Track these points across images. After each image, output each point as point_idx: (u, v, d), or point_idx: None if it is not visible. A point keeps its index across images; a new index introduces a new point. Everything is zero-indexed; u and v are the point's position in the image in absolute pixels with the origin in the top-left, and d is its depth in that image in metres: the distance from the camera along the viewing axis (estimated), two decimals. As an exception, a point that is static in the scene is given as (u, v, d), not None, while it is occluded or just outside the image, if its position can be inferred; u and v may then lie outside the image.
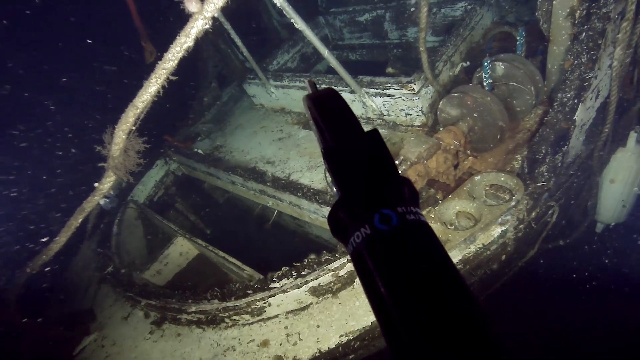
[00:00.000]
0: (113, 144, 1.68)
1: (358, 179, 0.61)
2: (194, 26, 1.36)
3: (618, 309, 3.13)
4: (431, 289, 0.48)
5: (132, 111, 1.57)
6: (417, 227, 0.54)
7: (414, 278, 0.48)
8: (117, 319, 2.71)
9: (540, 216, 2.64)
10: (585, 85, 2.33)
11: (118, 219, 3.51)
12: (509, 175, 2.44)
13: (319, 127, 0.70)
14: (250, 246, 4.50)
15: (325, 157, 0.66)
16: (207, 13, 1.34)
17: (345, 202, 0.59)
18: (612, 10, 2.24)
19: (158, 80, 1.47)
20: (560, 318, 3.41)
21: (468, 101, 2.40)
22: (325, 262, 2.30)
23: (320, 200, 2.89)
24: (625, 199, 2.94)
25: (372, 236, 0.52)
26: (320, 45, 2.99)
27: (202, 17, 1.35)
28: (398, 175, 0.61)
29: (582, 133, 2.52)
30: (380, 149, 0.65)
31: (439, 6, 4.12)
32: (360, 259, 0.53)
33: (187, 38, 1.39)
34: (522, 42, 2.58)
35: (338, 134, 0.67)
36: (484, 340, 0.44)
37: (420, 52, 2.69)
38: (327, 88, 0.76)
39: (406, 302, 0.47)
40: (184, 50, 1.44)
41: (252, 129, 4.46)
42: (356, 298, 2.34)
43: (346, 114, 0.70)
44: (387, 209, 0.54)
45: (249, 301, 2.28)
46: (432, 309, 0.46)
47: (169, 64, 1.45)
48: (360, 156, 0.63)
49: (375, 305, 0.51)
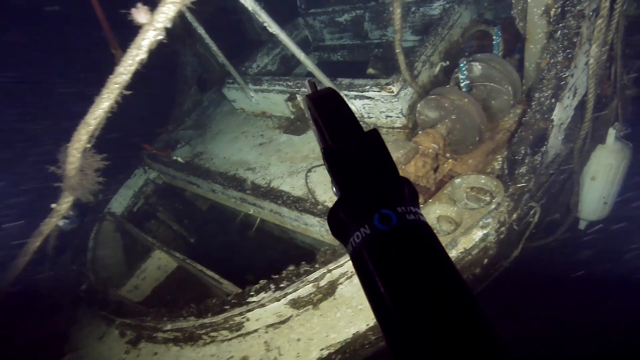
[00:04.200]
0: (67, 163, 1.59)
1: (358, 179, 0.61)
2: (145, 38, 1.28)
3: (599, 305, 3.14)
4: (431, 289, 0.48)
5: (85, 128, 1.48)
6: (416, 227, 0.54)
7: (414, 278, 0.49)
8: (92, 339, 2.60)
9: (522, 217, 2.61)
10: (562, 84, 2.30)
11: (94, 232, 3.40)
12: (489, 177, 2.40)
13: (319, 127, 0.69)
14: (235, 253, 4.41)
15: (325, 157, 0.66)
16: (157, 24, 1.26)
17: (345, 202, 0.59)
18: (586, 8, 2.21)
19: (110, 96, 1.38)
20: (547, 315, 3.41)
21: (445, 103, 2.35)
22: (305, 273, 2.24)
23: (300, 208, 2.82)
24: (606, 195, 2.93)
25: (371, 236, 0.52)
26: (295, 49, 2.93)
27: (153, 29, 1.27)
28: (398, 175, 0.61)
29: (561, 132, 2.49)
30: (380, 149, 0.65)
31: (417, 5, 4.08)
32: (360, 259, 0.53)
33: (139, 50, 1.31)
34: (498, 42, 2.54)
35: (338, 134, 0.66)
36: (484, 340, 0.44)
37: (397, 54, 2.64)
38: (327, 88, 0.76)
39: (406, 302, 0.47)
40: (136, 63, 1.36)
41: (233, 134, 4.37)
42: (337, 309, 2.28)
43: (346, 114, 0.70)
44: (387, 209, 0.54)
45: (226, 317, 2.21)
46: (432, 308, 0.46)
47: (121, 78, 1.36)
48: (360, 156, 0.64)
49: (375, 306, 0.50)
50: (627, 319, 2.96)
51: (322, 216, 2.71)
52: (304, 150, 3.57)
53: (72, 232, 3.33)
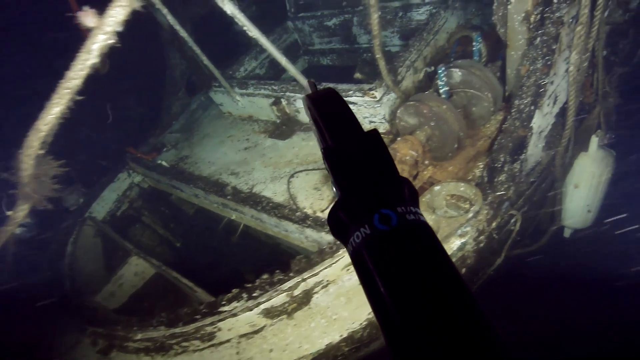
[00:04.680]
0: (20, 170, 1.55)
1: (358, 179, 0.61)
2: (95, 42, 1.25)
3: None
4: (431, 289, 0.48)
5: (35, 135, 1.44)
6: (416, 227, 0.54)
7: (414, 278, 0.49)
8: (65, 348, 2.55)
9: (502, 225, 2.57)
10: (541, 92, 2.27)
11: (73, 237, 3.34)
12: (468, 185, 2.36)
13: (319, 127, 0.69)
14: (222, 258, 4.35)
15: (325, 157, 0.66)
16: (107, 27, 1.22)
17: (344, 202, 0.59)
18: (565, 15, 2.19)
19: (61, 101, 1.34)
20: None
21: (424, 110, 2.32)
22: (278, 282, 2.19)
23: (279, 215, 2.78)
24: (590, 203, 2.90)
25: (371, 236, 0.52)
26: (277, 53, 2.90)
27: (102, 32, 1.23)
28: (398, 175, 0.61)
29: (541, 140, 2.46)
30: (380, 149, 0.65)
31: (405, 10, 4.05)
32: (360, 259, 0.53)
33: (89, 55, 1.27)
34: (478, 48, 2.51)
35: (338, 134, 0.66)
36: (484, 340, 0.44)
37: (377, 59, 2.61)
38: (327, 88, 0.75)
39: (406, 302, 0.47)
40: (87, 67, 1.32)
41: (219, 138, 4.33)
42: (312, 319, 2.24)
43: (346, 114, 0.70)
44: (387, 209, 0.54)
45: (197, 326, 2.16)
46: (432, 308, 0.46)
47: (72, 83, 1.32)
48: (360, 156, 0.63)
49: (374, 306, 0.50)
50: (627, 319, 2.94)
51: (301, 223, 2.66)
52: (288, 155, 3.53)
53: (30, 240, 3.26)
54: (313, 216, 2.68)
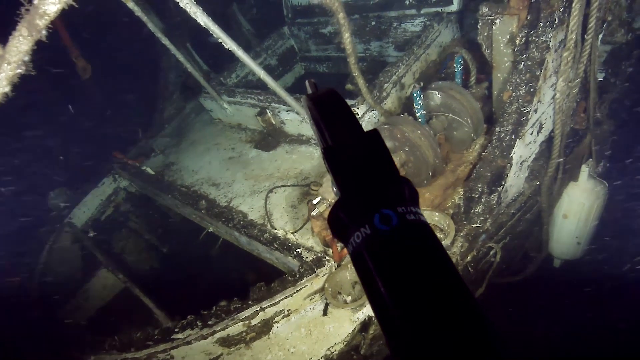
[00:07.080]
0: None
1: (358, 179, 0.61)
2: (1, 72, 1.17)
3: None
4: (431, 289, 0.48)
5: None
6: (417, 227, 0.54)
7: (414, 278, 0.49)
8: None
9: (480, 257, 2.44)
10: (523, 120, 2.12)
11: (49, 245, 3.30)
12: (443, 215, 2.23)
13: (319, 127, 0.69)
14: (205, 268, 4.29)
15: (325, 157, 0.65)
16: (12, 57, 1.14)
17: (345, 202, 0.59)
18: (551, 39, 2.03)
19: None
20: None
21: (397, 134, 2.19)
22: (235, 310, 2.10)
23: (249, 234, 2.68)
24: (579, 235, 2.74)
25: (372, 236, 0.52)
26: (254, 66, 2.79)
27: (6, 62, 1.15)
28: (398, 175, 0.61)
29: (523, 170, 2.31)
30: (380, 149, 0.64)
31: (399, 20, 3.91)
32: (360, 259, 0.53)
33: (-2, 84, 1.20)
34: (459, 70, 2.37)
35: (338, 134, 0.66)
36: (484, 340, 0.44)
37: (355, 77, 2.49)
38: (328, 88, 0.75)
39: (406, 301, 0.47)
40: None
41: (206, 145, 4.26)
42: (269, 350, 2.14)
43: (346, 114, 0.69)
44: (387, 209, 0.54)
45: (149, 353, 2.08)
46: (432, 308, 0.46)
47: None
48: (360, 156, 0.63)
49: (375, 305, 0.51)
50: (627, 319, 2.84)
51: (269, 245, 2.56)
52: (270, 169, 3.43)
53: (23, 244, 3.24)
54: (282, 238, 2.58)
